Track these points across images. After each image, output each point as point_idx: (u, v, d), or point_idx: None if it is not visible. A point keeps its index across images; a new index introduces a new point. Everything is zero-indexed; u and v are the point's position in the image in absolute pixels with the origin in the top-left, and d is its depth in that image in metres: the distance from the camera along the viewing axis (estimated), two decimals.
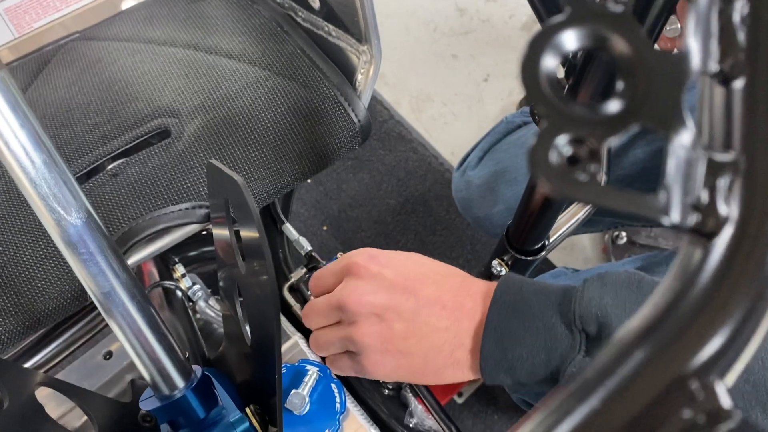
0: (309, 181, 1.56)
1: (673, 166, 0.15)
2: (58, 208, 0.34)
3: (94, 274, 0.35)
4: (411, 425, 0.68)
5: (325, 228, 1.51)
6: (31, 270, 0.60)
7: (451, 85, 1.70)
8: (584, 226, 0.92)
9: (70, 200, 0.34)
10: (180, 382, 0.39)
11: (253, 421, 0.40)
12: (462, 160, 1.06)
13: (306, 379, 0.54)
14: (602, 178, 0.15)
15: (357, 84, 0.67)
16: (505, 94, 1.68)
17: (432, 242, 1.47)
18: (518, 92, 1.66)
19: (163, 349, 0.37)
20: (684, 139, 0.15)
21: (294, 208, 1.52)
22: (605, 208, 0.15)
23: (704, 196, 0.15)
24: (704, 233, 0.15)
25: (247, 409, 0.40)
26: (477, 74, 1.71)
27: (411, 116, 1.65)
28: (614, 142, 0.16)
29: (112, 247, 0.36)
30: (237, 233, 0.40)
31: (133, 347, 0.37)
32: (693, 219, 0.15)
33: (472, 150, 1.05)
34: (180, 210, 0.62)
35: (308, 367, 0.56)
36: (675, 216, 0.15)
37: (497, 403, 1.33)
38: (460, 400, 1.29)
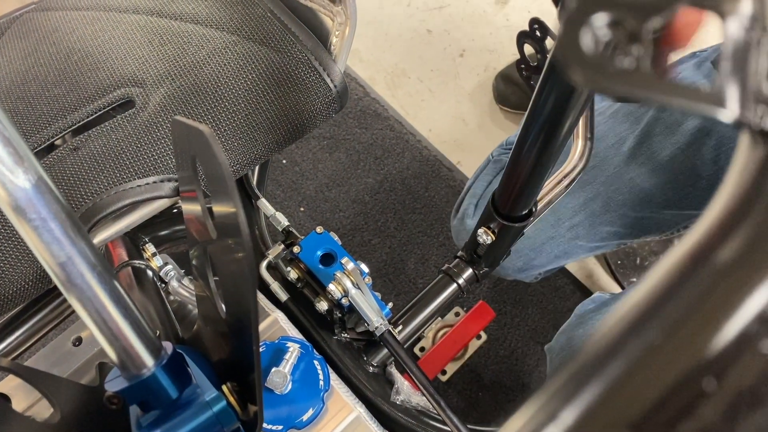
0: (284, 161, 1.52)
1: (729, 51, 0.12)
2: (3, 169, 0.31)
3: (48, 243, 0.32)
4: (398, 402, 0.65)
5: (302, 209, 1.48)
6: None
7: (427, 61, 1.67)
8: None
9: (16, 160, 0.31)
10: (149, 360, 0.35)
11: (231, 399, 0.37)
12: (457, 206, 1.05)
13: (287, 356, 0.51)
14: (647, 63, 0.12)
15: (332, 48, 0.64)
16: (482, 69, 1.65)
17: (412, 221, 1.44)
18: (494, 67, 1.64)
19: (128, 324, 0.34)
20: (740, 17, 0.13)
21: (269, 190, 1.48)
22: (650, 99, 0.12)
23: None
24: None
25: (224, 387, 0.37)
26: (452, 49, 1.68)
27: (387, 93, 1.62)
28: (657, 22, 0.13)
29: (67, 212, 0.32)
30: (207, 198, 0.36)
31: (95, 323, 0.34)
32: (756, 114, 0.13)
33: (465, 195, 1.04)
34: (147, 184, 0.58)
35: (289, 344, 0.53)
36: (733, 108, 0.12)
37: (481, 380, 1.32)
38: (443, 378, 1.27)
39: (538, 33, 0.43)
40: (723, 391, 0.11)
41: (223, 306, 0.38)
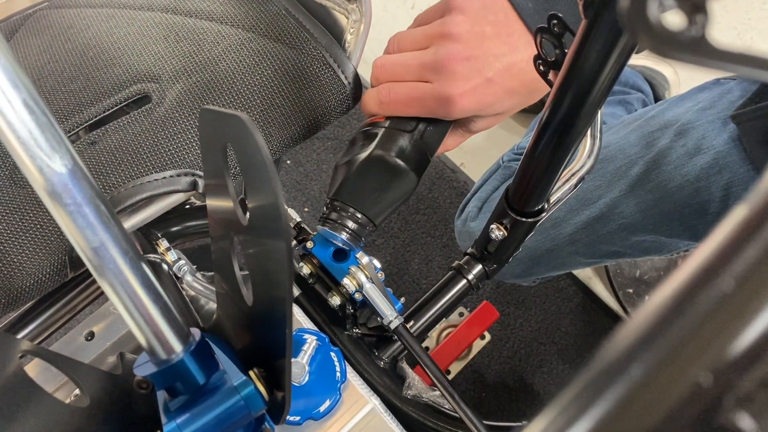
0: (288, 162, 1.53)
1: None
2: (41, 154, 0.31)
3: (82, 228, 0.32)
4: (409, 396, 0.66)
5: (306, 210, 1.48)
6: (5, 244, 0.56)
7: None
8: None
9: (53, 145, 0.31)
10: (177, 346, 0.36)
11: (258, 384, 0.37)
12: (461, 208, 1.06)
13: (305, 347, 0.52)
14: (710, 34, 0.13)
15: (346, 45, 0.65)
16: None
17: (416, 221, 1.45)
18: None
19: (158, 309, 0.35)
20: None
21: None
22: (714, 68, 0.13)
23: None
24: None
25: (251, 373, 0.38)
26: None
27: None
28: None
29: (101, 196, 0.33)
30: (237, 187, 0.37)
31: (126, 308, 0.34)
32: None
33: (471, 196, 1.05)
34: (164, 178, 0.59)
35: (306, 336, 0.54)
36: None
37: (484, 380, 1.32)
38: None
39: (556, 29, 0.44)
40: None
41: (250, 295, 0.39)
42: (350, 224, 0.59)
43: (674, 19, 0.13)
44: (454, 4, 0.54)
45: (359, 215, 0.59)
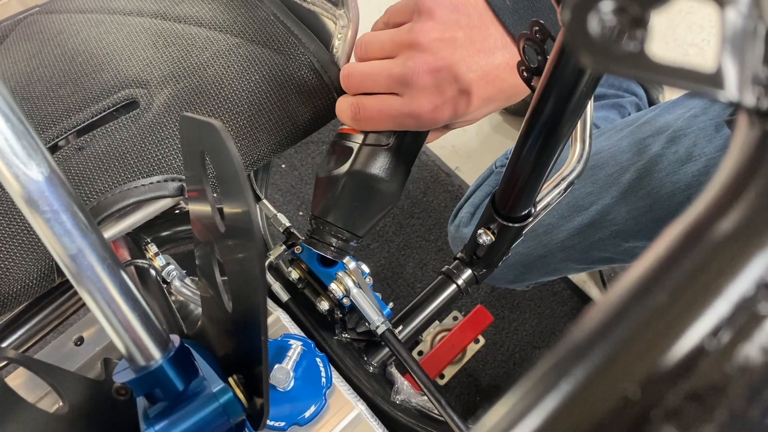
0: (283, 166, 1.53)
1: (727, 36, 0.13)
2: (17, 161, 0.31)
3: (59, 235, 0.32)
4: (397, 401, 0.66)
5: (300, 213, 1.49)
6: None
7: None
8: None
9: (30, 153, 0.31)
10: (156, 353, 0.36)
11: (237, 391, 0.37)
12: (454, 213, 1.06)
13: (290, 353, 0.52)
14: (650, 48, 0.13)
15: (334, 50, 0.65)
16: None
17: (410, 225, 1.45)
18: None
19: (137, 316, 0.35)
20: (738, 6, 0.13)
21: (268, 193, 1.49)
22: (653, 81, 0.13)
23: (765, 72, 0.14)
24: (765, 113, 0.13)
25: (230, 379, 0.38)
26: None
27: None
28: (659, 11, 0.14)
29: (79, 204, 0.33)
30: (215, 193, 0.37)
31: (104, 314, 0.34)
32: (753, 95, 0.13)
33: (464, 202, 1.05)
34: (151, 183, 0.59)
35: (291, 341, 0.54)
36: (731, 90, 0.13)
37: (479, 384, 1.32)
38: (442, 382, 1.28)
39: (538, 35, 0.44)
40: (723, 349, 0.11)
41: (230, 302, 0.39)
42: (334, 241, 0.59)
43: (614, 34, 0.13)
44: (423, 7, 0.50)
45: (342, 232, 0.59)
